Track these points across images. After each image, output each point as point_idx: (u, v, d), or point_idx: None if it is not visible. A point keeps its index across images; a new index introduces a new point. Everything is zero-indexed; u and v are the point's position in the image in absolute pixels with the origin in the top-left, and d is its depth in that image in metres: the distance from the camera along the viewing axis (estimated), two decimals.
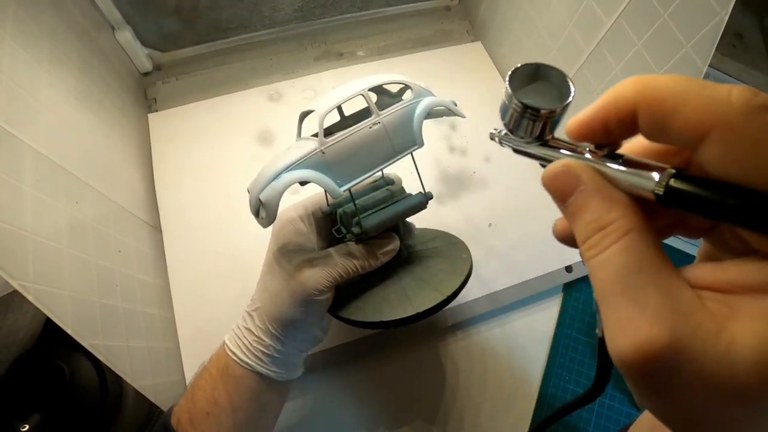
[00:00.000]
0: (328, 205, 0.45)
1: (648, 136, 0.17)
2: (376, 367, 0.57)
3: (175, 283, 0.57)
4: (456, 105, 0.43)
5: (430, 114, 0.42)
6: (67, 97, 0.49)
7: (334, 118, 0.43)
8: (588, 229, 0.17)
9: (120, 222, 0.52)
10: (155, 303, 0.53)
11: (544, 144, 0.21)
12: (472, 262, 0.48)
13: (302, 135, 0.41)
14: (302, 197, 0.47)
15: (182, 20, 0.69)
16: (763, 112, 0.14)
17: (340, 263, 0.40)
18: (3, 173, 0.36)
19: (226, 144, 0.66)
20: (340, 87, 0.40)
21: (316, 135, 0.40)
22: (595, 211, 0.17)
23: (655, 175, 0.16)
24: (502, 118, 0.22)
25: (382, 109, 0.39)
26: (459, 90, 0.73)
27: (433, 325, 0.59)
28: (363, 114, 0.44)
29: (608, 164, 0.18)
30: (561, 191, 0.18)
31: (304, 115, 0.40)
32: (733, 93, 0.14)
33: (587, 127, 0.18)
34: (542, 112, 0.20)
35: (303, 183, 0.38)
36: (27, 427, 0.47)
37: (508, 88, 0.20)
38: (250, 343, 0.40)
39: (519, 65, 0.21)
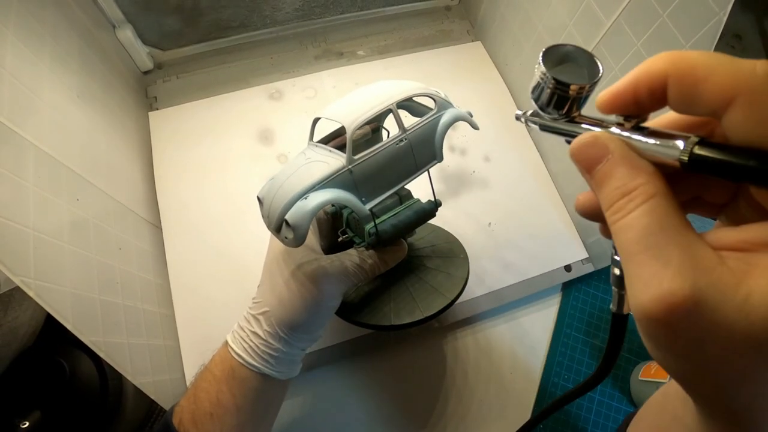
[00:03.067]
0: (333, 205, 0.46)
1: (676, 106, 0.18)
2: (377, 363, 0.57)
3: (175, 281, 0.57)
4: (471, 116, 0.43)
5: None
6: (68, 95, 0.49)
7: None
8: (614, 195, 0.18)
9: (120, 219, 0.52)
10: (155, 300, 0.53)
11: (572, 120, 0.22)
12: (468, 262, 0.49)
13: (313, 139, 0.40)
14: None
15: (183, 19, 0.69)
16: None
17: (353, 271, 0.41)
18: (6, 170, 0.36)
19: (226, 143, 0.67)
20: (360, 93, 0.39)
21: (325, 141, 0.39)
22: (622, 178, 0.18)
23: (680, 144, 0.17)
24: (533, 95, 0.22)
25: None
26: (459, 89, 0.73)
27: (434, 323, 0.59)
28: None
29: (634, 136, 0.19)
30: (588, 161, 0.19)
31: (317, 120, 0.40)
32: (758, 64, 0.15)
33: (619, 98, 0.19)
34: (573, 87, 0.21)
35: None
36: (27, 423, 0.47)
37: (542, 64, 0.21)
38: (257, 345, 0.40)
39: (551, 45, 0.21)
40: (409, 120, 0.40)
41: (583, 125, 0.22)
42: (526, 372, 0.59)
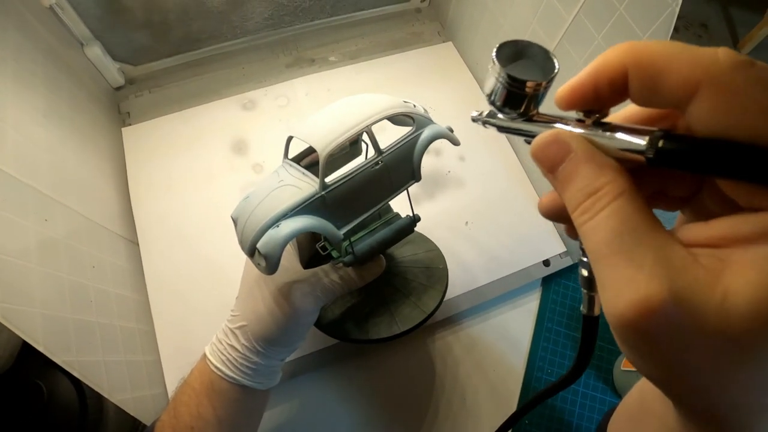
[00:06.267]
0: None
1: (637, 99, 0.17)
2: (360, 367, 0.58)
3: (154, 295, 0.57)
4: (452, 131, 0.42)
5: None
6: (34, 116, 0.49)
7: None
8: (579, 195, 0.17)
9: (94, 237, 0.52)
10: (133, 317, 0.53)
11: (529, 119, 0.21)
12: (447, 273, 0.49)
13: (288, 156, 0.40)
14: None
15: (152, 33, 0.69)
16: (748, 67, 0.14)
17: (330, 287, 0.41)
18: None
19: (201, 155, 0.67)
20: (335, 110, 0.37)
21: (300, 157, 0.39)
22: (586, 177, 0.17)
23: (644, 139, 0.16)
24: (488, 94, 0.22)
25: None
26: (432, 90, 0.74)
27: None
28: None
29: (596, 132, 0.18)
30: (551, 161, 0.19)
31: (291, 138, 0.39)
32: (720, 52, 0.15)
33: (578, 93, 0.18)
34: (529, 84, 0.20)
35: None
36: None
37: (496, 62, 0.20)
38: (235, 359, 0.40)
39: (504, 42, 0.21)
40: (384, 125, 0.39)
41: (543, 124, 0.21)
42: (510, 368, 0.59)
